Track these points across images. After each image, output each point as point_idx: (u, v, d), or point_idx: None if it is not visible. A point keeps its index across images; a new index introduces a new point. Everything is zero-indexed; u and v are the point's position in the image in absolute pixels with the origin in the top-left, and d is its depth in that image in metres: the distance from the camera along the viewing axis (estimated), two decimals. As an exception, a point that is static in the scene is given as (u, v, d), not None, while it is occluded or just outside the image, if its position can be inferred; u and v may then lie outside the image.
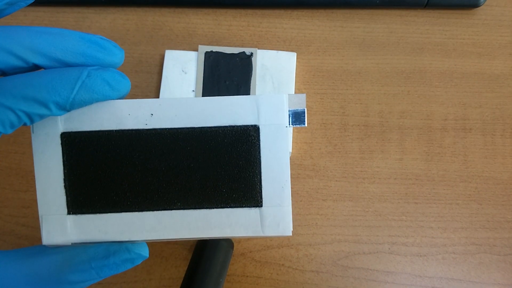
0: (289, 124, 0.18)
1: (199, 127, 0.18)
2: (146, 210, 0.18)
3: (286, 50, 0.33)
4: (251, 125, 0.18)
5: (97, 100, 0.17)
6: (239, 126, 0.18)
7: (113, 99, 0.17)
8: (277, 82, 0.32)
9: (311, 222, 0.31)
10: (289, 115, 0.18)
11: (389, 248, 0.31)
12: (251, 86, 0.32)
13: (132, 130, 0.18)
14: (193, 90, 0.32)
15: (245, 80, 0.32)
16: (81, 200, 0.18)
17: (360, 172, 0.32)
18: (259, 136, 0.18)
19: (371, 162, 0.32)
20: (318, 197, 0.31)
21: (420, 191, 0.32)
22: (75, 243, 0.18)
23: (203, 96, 0.31)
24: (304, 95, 0.18)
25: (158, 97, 0.32)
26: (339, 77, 0.34)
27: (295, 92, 0.33)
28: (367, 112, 0.33)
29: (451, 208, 0.31)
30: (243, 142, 0.18)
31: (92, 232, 0.18)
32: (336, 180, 0.32)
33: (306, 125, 0.18)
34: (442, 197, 0.32)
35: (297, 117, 0.18)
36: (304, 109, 0.18)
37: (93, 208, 0.18)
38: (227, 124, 0.18)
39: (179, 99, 0.18)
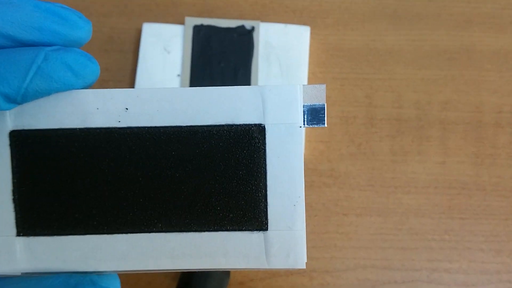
0: (304, 124, 0.18)
1: (187, 126, 0.18)
2: (117, 233, 0.18)
3: (297, 23, 0.33)
4: (255, 124, 0.18)
5: (57, 90, 0.17)
6: (239, 125, 0.18)
7: (77, 89, 0.17)
8: (285, 65, 0.32)
9: (328, 242, 0.31)
10: (303, 111, 0.18)
11: (428, 276, 0.31)
12: (252, 70, 0.32)
13: (101, 128, 0.18)
14: (179, 75, 0.32)
15: (244, 62, 0.32)
16: (34, 217, 0.18)
17: (391, 179, 0.32)
18: (264, 138, 0.18)
19: (405, 167, 0.32)
20: (338, 211, 0.32)
21: (467, 204, 0.32)
22: (26, 273, 0.18)
23: (191, 82, 0.31)
24: (324, 86, 0.18)
25: (133, 83, 0.32)
26: (364, 58, 0.34)
27: (308, 77, 0.33)
28: (400, 102, 0.33)
29: (506, 225, 0.32)
30: (244, 146, 0.18)
31: (48, 259, 0.18)
32: (361, 189, 0.32)
33: (326, 124, 0.18)
34: (495, 211, 0.32)
35: (314, 115, 0.18)
36: (324, 105, 0.18)
37: (49, 228, 0.18)
38: (223, 123, 0.18)
39: (162, 90, 0.18)
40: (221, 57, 0.32)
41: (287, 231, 0.18)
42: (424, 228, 0.31)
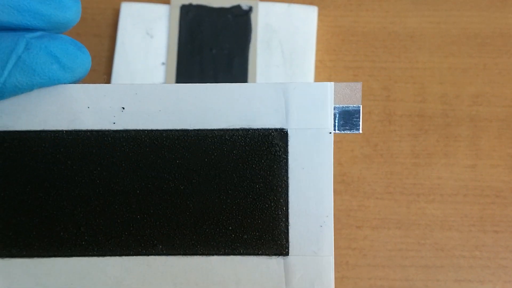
0: (334, 129, 0.17)
1: (194, 130, 0.17)
2: (110, 255, 0.18)
3: (303, 3, 0.32)
4: (276, 129, 0.17)
5: (40, 86, 0.16)
6: (257, 129, 0.17)
7: (64, 84, 0.17)
8: (288, 52, 0.31)
9: (339, 260, 0.30)
10: (334, 114, 0.17)
11: (456, 300, 0.30)
12: (249, 58, 0.31)
13: (92, 131, 0.17)
14: (163, 63, 0.31)
15: (240, 49, 0.31)
16: (10, 236, 0.17)
17: (412, 185, 0.31)
18: (287, 146, 0.18)
19: (429, 171, 0.31)
20: (350, 223, 0.31)
21: (502, 214, 0.31)
22: None
23: (177, 71, 0.31)
24: (360, 84, 0.17)
25: (110, 73, 0.32)
26: (381, 44, 0.33)
27: (315, 66, 0.32)
28: (424, 95, 0.32)
29: (548, 240, 0.31)
30: (262, 154, 0.18)
31: (26, 284, 0.18)
32: (377, 198, 0.31)
33: (360, 130, 0.18)
34: (535, 223, 0.31)
35: (347, 119, 0.18)
36: (359, 107, 0.17)
37: (28, 249, 0.17)
38: (238, 127, 0.17)
39: (165, 86, 0.17)
40: (213, 43, 0.31)
41: (312, 256, 0.18)
42: (451, 243, 0.30)
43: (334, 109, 0.17)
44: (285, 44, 0.31)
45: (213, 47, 0.31)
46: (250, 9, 0.31)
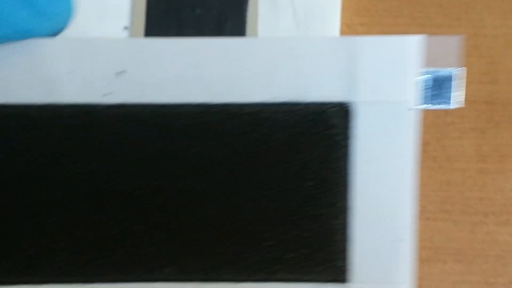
0: (423, 103, 0.16)
1: (219, 105, 0.16)
2: (98, 281, 0.16)
3: None
4: (334, 104, 0.16)
5: (6, 39, 0.15)
6: (307, 104, 0.15)
7: (40, 37, 0.15)
8: (303, 12, 0.28)
9: None
10: (423, 82, 0.16)
11: None
12: (247, 19, 0.28)
13: (75, 106, 0.15)
14: (126, 27, 0.28)
15: (235, 7, 0.28)
16: None
17: (478, 200, 0.28)
18: (349, 127, 0.16)
19: (501, 181, 0.28)
20: None
21: None
22: None
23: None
24: (461, 37, 0.16)
25: None
26: (433, 2, 0.30)
27: (340, 32, 0.28)
28: (494, 74, 0.29)
29: None
30: (313, 140, 0.16)
31: None
32: (429, 218, 0.28)
33: (460, 104, 0.16)
34: None
35: (440, 89, 0.16)
36: (459, 70, 0.16)
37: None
38: (281, 100, 0.16)
39: (179, 42, 0.16)
40: (197, 0, 0.28)
41: (381, 285, 0.16)
42: (534, 281, 0.28)
43: (423, 74, 0.16)
44: (297, 3, 0.28)
45: (197, 5, 0.27)
46: (248, -47, 0.28)
